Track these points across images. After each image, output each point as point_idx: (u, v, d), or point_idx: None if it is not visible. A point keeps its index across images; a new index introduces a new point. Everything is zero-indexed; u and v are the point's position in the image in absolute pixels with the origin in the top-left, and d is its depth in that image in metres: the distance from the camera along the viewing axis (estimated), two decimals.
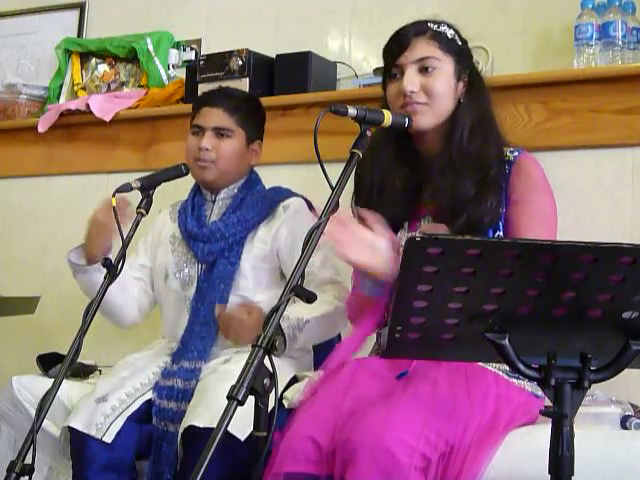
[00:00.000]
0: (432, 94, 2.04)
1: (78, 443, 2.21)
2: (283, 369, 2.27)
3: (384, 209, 2.06)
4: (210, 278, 2.44)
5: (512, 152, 2.08)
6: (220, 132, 2.50)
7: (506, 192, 2.04)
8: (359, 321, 2.06)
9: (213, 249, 2.45)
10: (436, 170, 2.06)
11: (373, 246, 1.86)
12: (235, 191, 2.54)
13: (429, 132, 2.08)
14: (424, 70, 2.04)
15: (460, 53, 2.10)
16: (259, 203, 2.51)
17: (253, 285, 2.46)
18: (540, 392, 1.89)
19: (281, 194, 2.54)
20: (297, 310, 2.30)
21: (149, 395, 2.30)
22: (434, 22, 2.08)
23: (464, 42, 2.12)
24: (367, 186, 2.13)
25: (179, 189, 2.64)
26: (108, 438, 2.18)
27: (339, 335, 2.51)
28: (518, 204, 2.02)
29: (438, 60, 2.05)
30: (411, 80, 2.03)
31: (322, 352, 2.48)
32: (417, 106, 2.03)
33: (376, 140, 2.10)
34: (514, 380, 1.92)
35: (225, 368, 2.27)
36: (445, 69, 2.06)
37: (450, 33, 2.08)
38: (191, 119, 2.56)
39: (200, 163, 2.49)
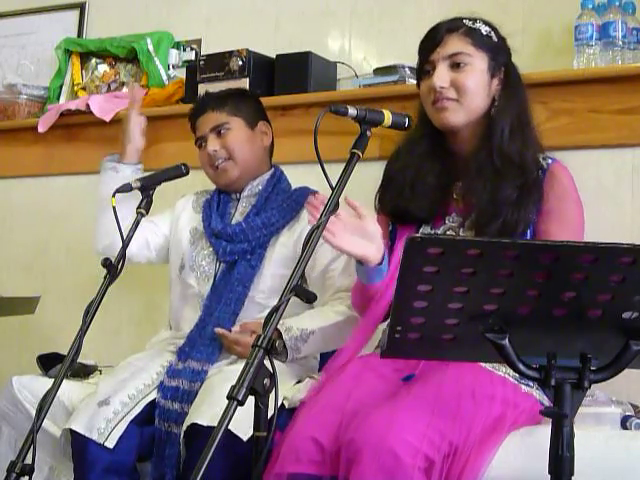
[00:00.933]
0: (462, 90, 2.03)
1: (79, 446, 2.20)
2: (287, 372, 2.28)
3: (414, 204, 2.07)
4: (229, 278, 2.43)
5: (545, 159, 2.06)
6: (219, 130, 2.50)
7: (539, 200, 2.02)
8: (364, 313, 2.07)
9: (235, 249, 2.44)
10: (472, 169, 2.04)
11: (366, 234, 1.88)
12: (260, 188, 2.52)
13: (463, 129, 2.07)
14: (455, 66, 2.04)
15: (495, 49, 2.08)
16: (284, 204, 2.49)
17: (270, 291, 2.43)
18: (547, 401, 1.89)
19: (306, 194, 2.52)
20: (303, 321, 2.30)
21: (152, 396, 2.29)
22: (470, 19, 2.08)
23: (501, 39, 2.10)
24: (399, 180, 2.12)
25: (179, 189, 2.64)
26: (110, 443, 2.17)
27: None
28: (549, 213, 2.00)
29: (469, 56, 2.04)
30: (441, 76, 2.03)
31: (327, 355, 2.47)
32: (447, 102, 2.03)
33: (410, 134, 2.10)
34: (522, 386, 1.91)
35: (231, 368, 2.27)
36: (477, 65, 2.05)
37: (485, 29, 2.07)
38: (195, 137, 2.58)
39: (218, 169, 2.50)
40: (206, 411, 2.09)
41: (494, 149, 2.02)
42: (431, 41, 2.06)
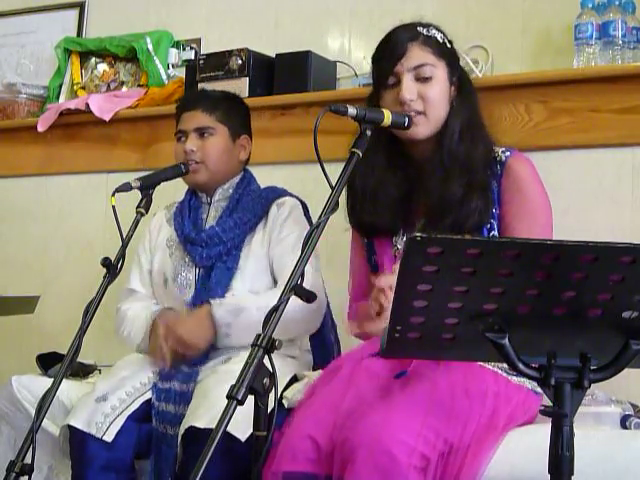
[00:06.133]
0: (429, 102, 2.04)
1: (77, 442, 2.21)
2: (283, 369, 2.27)
3: (378, 218, 2.08)
4: (208, 283, 2.43)
5: (504, 152, 2.09)
6: (202, 132, 2.49)
7: (498, 192, 2.05)
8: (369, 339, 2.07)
9: (211, 253, 2.44)
10: (427, 173, 2.07)
11: None
12: (230, 191, 2.53)
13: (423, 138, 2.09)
14: (420, 77, 2.05)
15: (451, 56, 2.11)
16: (255, 203, 2.49)
17: (251, 289, 2.43)
18: (539, 389, 1.89)
19: (275, 192, 2.52)
20: (243, 298, 2.31)
21: (149, 395, 2.29)
22: (422, 25, 2.09)
23: (451, 44, 2.13)
24: (360, 193, 2.13)
25: (179, 189, 2.64)
26: (108, 437, 2.18)
27: (335, 335, 2.50)
28: (508, 205, 2.04)
29: (433, 67, 2.05)
30: (409, 88, 2.03)
31: (321, 352, 2.48)
32: (415, 117, 2.03)
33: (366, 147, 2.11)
34: (513, 378, 1.92)
35: (225, 368, 2.27)
36: (440, 75, 2.07)
37: (440, 37, 2.09)
38: (175, 127, 2.56)
39: (190, 167, 2.48)
40: (203, 414, 2.10)
41: (445, 152, 2.06)
42: (393, 52, 2.06)
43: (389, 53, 2.07)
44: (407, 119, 1.97)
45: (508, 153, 2.08)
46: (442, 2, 2.73)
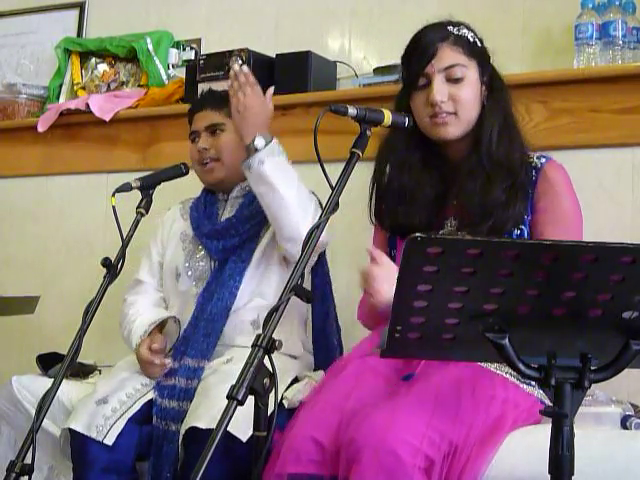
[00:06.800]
0: (460, 103, 2.03)
1: (78, 445, 2.21)
2: (284, 370, 2.27)
3: (413, 219, 2.07)
4: (220, 275, 2.43)
5: (539, 158, 2.07)
6: (213, 129, 2.50)
7: (532, 199, 2.04)
8: (376, 328, 2.07)
9: (227, 245, 2.44)
10: (463, 173, 2.05)
11: (391, 278, 1.84)
12: (248, 188, 2.53)
13: (456, 138, 2.07)
14: (452, 78, 2.03)
15: (482, 56, 2.09)
16: None
17: (259, 282, 2.43)
18: (548, 400, 1.89)
19: None
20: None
21: (150, 396, 2.29)
22: (452, 24, 2.06)
23: (482, 42, 2.10)
24: (396, 196, 2.12)
25: (179, 189, 2.64)
26: (109, 440, 2.18)
27: (339, 338, 2.50)
28: (542, 212, 2.02)
29: (465, 67, 2.03)
30: (440, 90, 2.02)
31: (323, 354, 2.47)
32: (447, 117, 2.02)
33: (397, 145, 2.10)
34: (524, 385, 1.91)
35: (227, 368, 2.26)
36: (471, 76, 2.05)
37: (471, 36, 2.07)
38: (189, 131, 2.58)
39: (205, 167, 2.50)
40: (204, 414, 2.09)
41: (483, 153, 2.04)
42: (423, 53, 2.03)
43: (419, 54, 2.04)
44: (407, 119, 1.96)
45: (544, 160, 2.07)
46: (442, 2, 2.73)
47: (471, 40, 2.06)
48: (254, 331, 2.33)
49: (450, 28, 2.05)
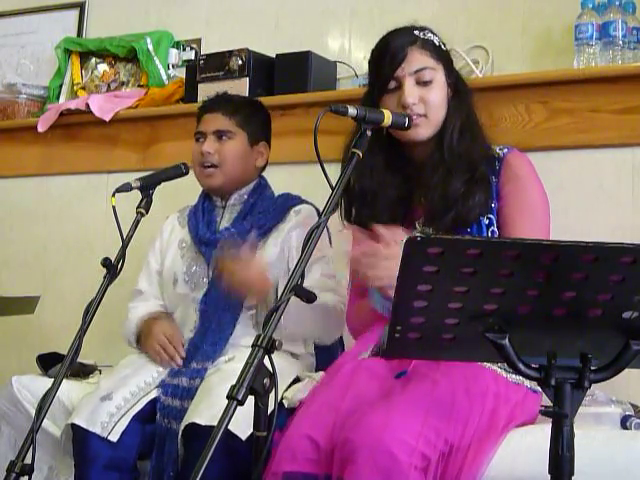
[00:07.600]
0: (430, 105, 2.07)
1: (81, 440, 2.21)
2: (285, 370, 2.28)
3: (379, 217, 2.08)
4: (221, 285, 2.42)
5: (502, 149, 2.13)
6: (221, 135, 2.50)
7: (497, 187, 2.09)
8: (362, 336, 2.08)
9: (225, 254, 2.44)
10: (428, 172, 2.09)
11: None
12: (245, 197, 2.54)
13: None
14: (421, 81, 2.07)
15: (447, 59, 2.14)
16: (270, 209, 2.50)
17: None
18: (538, 387, 1.90)
19: (293, 200, 2.53)
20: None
21: (153, 394, 2.30)
22: (418, 29, 2.11)
23: (445, 46, 2.15)
24: (358, 196, 2.14)
25: (179, 189, 2.64)
26: (114, 437, 2.18)
27: (340, 340, 2.50)
28: (506, 199, 2.08)
29: (433, 70, 2.08)
30: (411, 92, 2.05)
31: (324, 354, 2.48)
32: (417, 119, 2.06)
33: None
34: (512, 376, 1.92)
35: (229, 367, 2.27)
36: (439, 78, 2.10)
37: (436, 40, 2.12)
38: (195, 128, 2.58)
39: (205, 171, 2.50)
40: (204, 411, 2.10)
41: (445, 149, 2.09)
42: (393, 57, 2.07)
43: (389, 58, 2.08)
44: (407, 119, 1.98)
45: (506, 150, 2.13)
46: (442, 2, 2.73)
47: (437, 44, 2.11)
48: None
49: (416, 32, 2.10)
